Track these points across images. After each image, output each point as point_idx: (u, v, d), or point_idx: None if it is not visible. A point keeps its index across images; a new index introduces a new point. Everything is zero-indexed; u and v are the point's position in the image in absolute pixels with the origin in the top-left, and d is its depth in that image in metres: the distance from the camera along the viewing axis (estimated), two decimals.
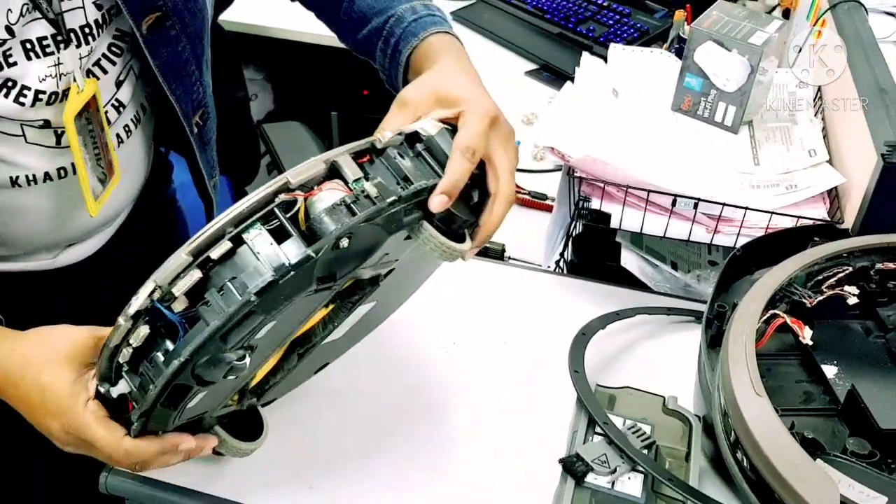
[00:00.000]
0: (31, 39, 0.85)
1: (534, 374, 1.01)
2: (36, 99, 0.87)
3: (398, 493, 0.88)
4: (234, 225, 0.67)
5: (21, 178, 0.92)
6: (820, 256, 0.95)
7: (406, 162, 0.75)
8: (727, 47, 1.25)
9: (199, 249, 0.66)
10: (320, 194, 0.69)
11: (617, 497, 0.81)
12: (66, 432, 0.77)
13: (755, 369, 0.79)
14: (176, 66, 0.98)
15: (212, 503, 0.87)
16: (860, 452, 0.78)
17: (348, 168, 0.71)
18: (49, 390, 0.76)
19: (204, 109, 1.07)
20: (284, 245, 0.66)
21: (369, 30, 1.03)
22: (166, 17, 0.94)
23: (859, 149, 1.10)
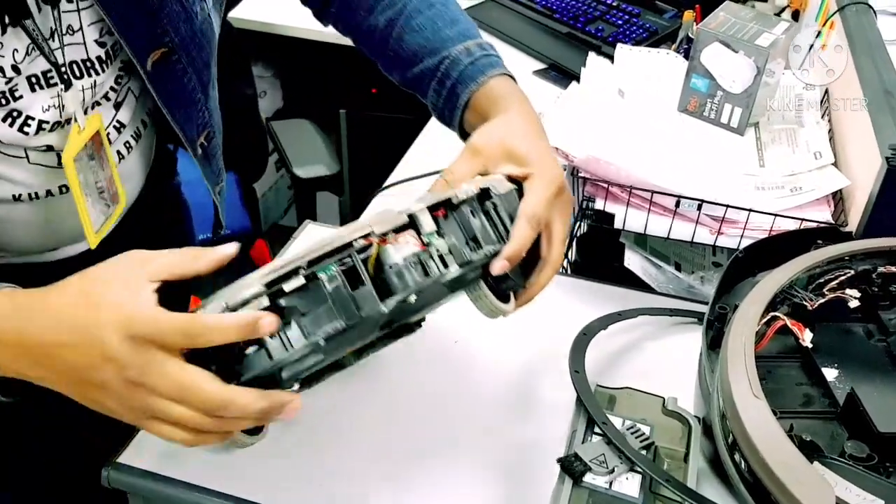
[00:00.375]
0: (37, 73, 0.85)
1: (534, 373, 1.01)
2: (39, 128, 0.87)
3: (397, 490, 0.88)
4: (310, 263, 0.68)
5: (24, 195, 0.92)
6: (822, 259, 0.95)
7: (476, 221, 0.78)
8: (734, 49, 1.25)
9: (272, 281, 0.68)
10: (395, 245, 0.71)
11: (614, 497, 0.81)
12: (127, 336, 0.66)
13: (754, 371, 0.79)
14: (181, 97, 0.98)
15: (216, 499, 0.87)
16: (858, 456, 0.78)
17: (425, 221, 0.74)
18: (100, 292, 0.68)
19: (209, 130, 1.06)
20: (357, 293, 0.68)
21: (421, 69, 1.03)
22: (172, 53, 0.93)
23: (864, 151, 1.10)
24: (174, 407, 0.67)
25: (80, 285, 0.70)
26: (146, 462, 0.89)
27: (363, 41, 1.11)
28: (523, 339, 1.05)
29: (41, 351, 0.69)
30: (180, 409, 0.67)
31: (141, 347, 0.66)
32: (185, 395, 0.67)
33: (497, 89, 0.97)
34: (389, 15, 1.06)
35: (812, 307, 0.92)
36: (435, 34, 1.03)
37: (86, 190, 0.92)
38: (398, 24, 1.05)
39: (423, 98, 1.06)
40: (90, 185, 0.93)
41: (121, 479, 0.89)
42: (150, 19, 0.90)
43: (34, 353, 0.70)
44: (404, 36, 1.04)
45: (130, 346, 0.66)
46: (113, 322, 0.66)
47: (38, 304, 0.70)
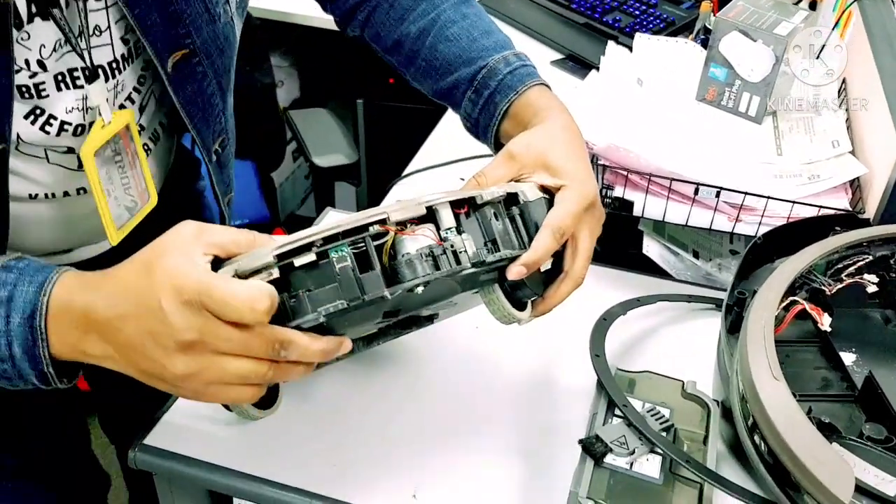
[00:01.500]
0: (64, 72, 0.84)
1: (556, 357, 1.02)
2: (61, 129, 0.87)
3: (420, 471, 0.89)
4: (324, 241, 0.69)
5: (40, 195, 0.92)
6: (840, 245, 0.96)
7: (498, 224, 0.77)
8: (752, 38, 1.25)
9: (285, 254, 0.68)
10: (411, 235, 0.71)
11: (635, 477, 0.82)
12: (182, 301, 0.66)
13: (773, 354, 0.80)
14: (200, 101, 0.97)
15: (239, 479, 0.88)
16: (877, 438, 0.79)
17: (445, 216, 0.74)
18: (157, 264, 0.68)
19: (224, 137, 1.05)
20: (365, 276, 0.69)
21: (456, 79, 1.02)
22: (193, 55, 0.93)
23: (882, 140, 1.11)
24: (235, 361, 0.68)
25: (140, 257, 0.70)
26: (171, 443, 0.91)
27: (391, 51, 1.10)
28: (544, 324, 1.06)
29: (106, 325, 0.70)
30: (241, 362, 0.68)
31: (196, 310, 0.66)
32: (248, 342, 0.67)
33: (537, 100, 0.97)
34: (422, 25, 1.05)
35: (830, 292, 0.93)
36: (471, 44, 1.02)
37: (108, 186, 0.91)
38: (431, 33, 1.04)
39: (455, 108, 1.05)
40: (115, 181, 0.92)
41: (147, 460, 0.91)
42: (173, 19, 0.89)
43: (100, 328, 0.70)
44: (438, 46, 1.03)
45: (185, 309, 0.66)
46: (165, 287, 0.66)
47: (104, 279, 0.72)
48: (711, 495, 0.82)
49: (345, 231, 0.69)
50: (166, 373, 0.69)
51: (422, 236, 0.72)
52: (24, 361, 0.73)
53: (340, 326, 0.73)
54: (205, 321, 0.66)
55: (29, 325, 0.72)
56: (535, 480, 0.89)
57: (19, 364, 0.73)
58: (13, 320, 0.72)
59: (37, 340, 0.72)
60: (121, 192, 0.93)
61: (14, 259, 0.75)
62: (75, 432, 1.27)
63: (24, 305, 0.72)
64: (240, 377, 0.69)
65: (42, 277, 0.73)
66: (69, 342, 0.72)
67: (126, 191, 0.94)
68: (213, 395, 0.71)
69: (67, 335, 0.72)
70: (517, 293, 0.82)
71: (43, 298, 0.72)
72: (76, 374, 0.77)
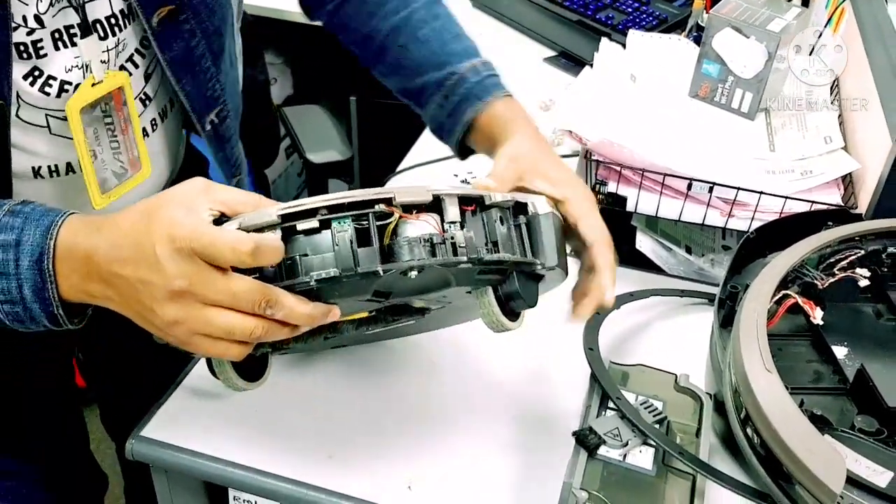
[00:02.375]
0: (60, 28, 0.84)
1: (550, 350, 1.03)
2: (62, 90, 0.86)
3: (416, 463, 0.90)
4: (329, 209, 0.70)
5: (43, 168, 0.91)
6: (832, 239, 0.97)
7: (503, 228, 0.77)
8: (745, 34, 1.26)
9: (289, 215, 0.70)
10: (414, 221, 0.72)
11: (628, 469, 0.83)
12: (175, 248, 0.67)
13: (766, 346, 0.81)
14: (188, 61, 0.95)
15: (236, 470, 0.89)
16: (868, 430, 0.80)
17: (451, 209, 0.74)
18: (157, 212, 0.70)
19: (222, 107, 1.03)
20: (361, 251, 0.69)
21: (425, 81, 1.03)
22: (180, 11, 0.91)
23: (874, 135, 1.11)
24: (222, 314, 0.69)
25: (143, 205, 0.72)
26: (168, 435, 0.92)
27: (359, 44, 1.10)
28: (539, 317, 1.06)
29: (107, 268, 0.71)
30: (228, 315, 0.69)
31: (188, 258, 0.67)
32: (236, 296, 0.68)
33: (504, 111, 0.99)
34: (394, 22, 1.05)
35: (822, 286, 0.94)
36: (441, 48, 1.03)
37: (95, 147, 0.90)
38: (403, 32, 1.05)
39: (420, 108, 1.06)
40: (104, 143, 0.91)
41: (144, 451, 0.91)
42: None
43: (101, 271, 0.72)
44: (409, 46, 1.04)
45: (178, 257, 0.67)
46: (161, 235, 0.68)
47: (107, 223, 0.73)
48: (704, 487, 0.83)
49: (350, 203, 0.70)
50: (156, 318, 0.71)
51: (425, 223, 0.72)
52: (34, 303, 0.74)
53: (331, 296, 0.73)
54: (196, 269, 0.68)
55: (38, 268, 0.73)
56: (530, 472, 0.89)
57: (30, 306, 0.75)
58: (22, 263, 0.73)
59: (46, 282, 0.73)
60: (109, 156, 0.92)
61: (20, 204, 0.76)
62: (73, 432, 1.28)
63: (31, 249, 0.73)
64: (225, 330, 0.70)
65: (48, 221, 0.74)
66: (74, 283, 0.74)
67: (115, 155, 0.93)
68: (197, 345, 0.72)
69: (72, 276, 0.73)
70: (511, 303, 0.82)
71: (49, 242, 0.73)
72: (84, 315, 0.78)
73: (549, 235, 0.80)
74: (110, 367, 1.19)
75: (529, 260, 0.79)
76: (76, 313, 0.77)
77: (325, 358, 0.99)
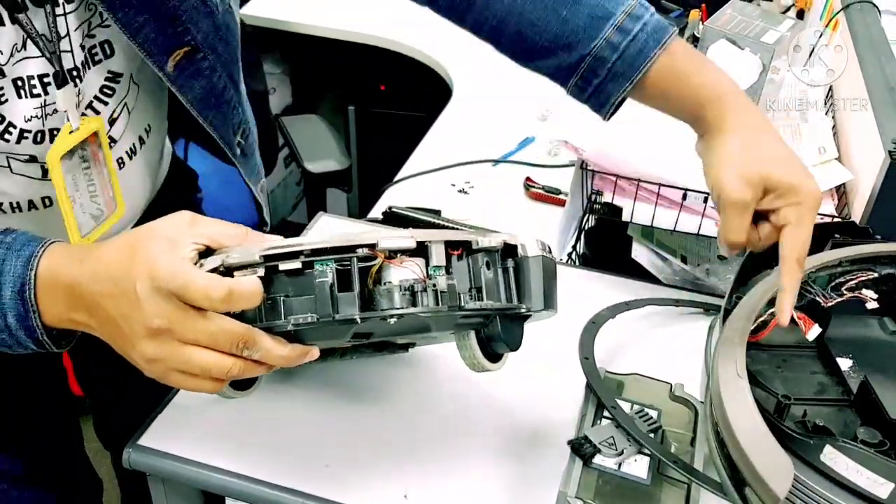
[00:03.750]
0: (23, 77, 0.82)
1: (545, 360, 1.03)
2: (21, 137, 0.85)
3: (412, 472, 0.90)
4: (312, 252, 0.70)
5: (5, 204, 0.90)
6: (844, 257, 0.95)
7: (489, 273, 0.76)
8: (739, 45, 1.27)
9: (271, 256, 0.70)
10: (398, 266, 0.72)
11: (623, 478, 0.83)
12: (154, 287, 0.68)
13: (742, 354, 0.80)
14: (213, 97, 0.94)
15: (232, 479, 0.89)
16: (871, 441, 0.80)
17: (436, 254, 0.74)
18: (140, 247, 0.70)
19: (245, 128, 1.02)
20: (341, 296, 0.70)
21: (557, 65, 0.96)
22: (197, 51, 0.89)
23: (868, 146, 1.12)
24: (199, 353, 0.70)
25: (127, 238, 0.72)
26: (165, 444, 0.92)
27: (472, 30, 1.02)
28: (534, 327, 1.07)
29: (89, 300, 0.72)
30: (205, 354, 0.70)
31: (167, 298, 0.68)
32: (214, 336, 0.69)
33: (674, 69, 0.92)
34: (496, 11, 0.97)
35: (826, 305, 0.93)
36: (562, 27, 0.94)
37: (73, 193, 0.90)
38: (510, 21, 0.96)
39: (561, 84, 0.99)
40: (81, 188, 0.91)
41: (141, 460, 0.92)
42: (168, 19, 0.86)
43: (84, 302, 0.73)
44: (524, 32, 0.96)
45: (157, 296, 0.68)
46: (142, 272, 0.69)
47: (89, 254, 0.74)
48: (698, 496, 0.83)
49: (333, 248, 0.71)
50: (134, 353, 0.72)
51: (408, 269, 0.73)
52: (19, 331, 0.76)
53: (309, 337, 0.74)
54: (174, 309, 0.68)
55: (20, 298, 0.74)
56: (526, 480, 0.90)
57: (16, 333, 0.76)
58: (4, 294, 0.74)
59: (29, 312, 0.75)
60: (86, 200, 0.92)
61: (1, 233, 0.77)
62: (69, 436, 1.28)
63: (13, 280, 0.74)
64: (202, 369, 0.71)
65: (29, 252, 0.75)
66: (58, 312, 0.75)
67: (92, 198, 0.93)
68: (175, 381, 0.73)
69: (55, 306, 0.75)
70: (493, 344, 0.82)
71: (30, 273, 0.74)
72: (71, 339, 0.79)
73: (536, 279, 0.79)
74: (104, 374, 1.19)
75: (513, 306, 0.78)
76: (63, 337, 0.78)
77: (322, 368, 0.99)
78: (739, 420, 0.77)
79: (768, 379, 0.85)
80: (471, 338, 0.81)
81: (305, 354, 0.74)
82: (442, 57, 2.00)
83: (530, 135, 1.69)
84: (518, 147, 1.67)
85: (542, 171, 1.58)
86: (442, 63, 1.98)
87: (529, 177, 1.56)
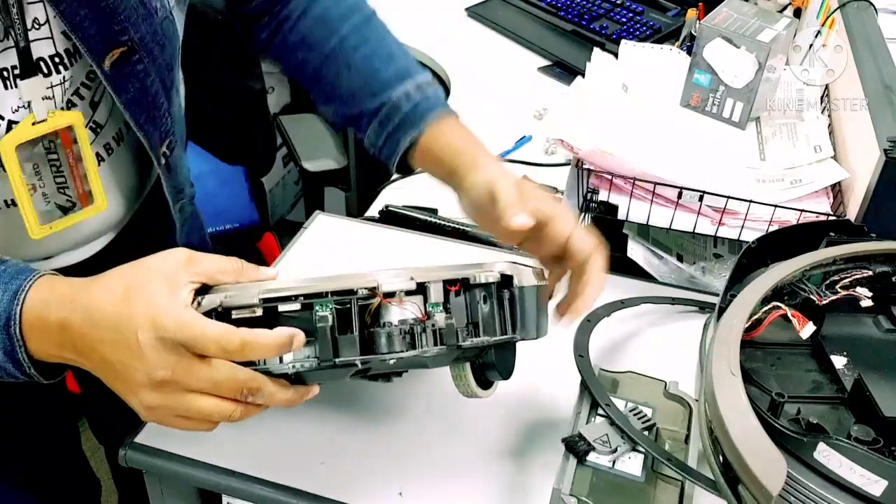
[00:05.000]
0: (7, 68, 0.82)
1: (540, 357, 1.03)
2: (9, 128, 0.84)
3: (406, 470, 0.91)
4: (311, 296, 0.71)
5: None
6: (839, 255, 0.96)
7: (486, 308, 0.78)
8: (736, 44, 1.27)
9: (270, 298, 0.71)
10: (398, 305, 0.74)
11: (617, 475, 0.84)
12: (158, 337, 0.68)
13: (736, 351, 0.81)
14: (144, 100, 0.93)
15: (229, 477, 0.89)
16: (864, 439, 0.80)
17: (434, 292, 0.75)
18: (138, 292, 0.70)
19: (171, 139, 1.02)
20: (341, 339, 0.71)
21: (360, 111, 1.05)
22: (132, 52, 0.89)
23: (863, 144, 1.12)
24: (201, 400, 0.70)
25: (122, 280, 0.72)
26: (162, 442, 0.92)
27: (294, 72, 1.12)
28: None
29: (81, 342, 0.72)
30: (208, 401, 0.71)
31: (171, 349, 0.68)
32: (217, 385, 0.70)
33: (450, 136, 1.02)
34: (325, 51, 1.06)
35: (820, 302, 0.93)
36: (373, 76, 1.04)
37: (34, 181, 0.89)
38: (334, 61, 1.06)
39: (359, 133, 1.08)
40: (46, 177, 0.90)
41: (138, 458, 0.92)
42: (106, 15, 0.85)
43: (76, 344, 0.72)
44: (341, 74, 1.06)
45: (160, 346, 0.68)
46: (146, 322, 0.68)
47: (82, 295, 0.72)
48: (692, 493, 0.83)
49: (332, 290, 0.72)
50: (134, 399, 0.72)
51: (407, 308, 0.74)
52: (7, 363, 0.75)
53: (310, 378, 0.76)
54: (178, 359, 0.69)
55: (6, 333, 0.73)
56: (520, 478, 0.90)
57: (3, 365, 0.75)
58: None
59: (15, 346, 0.74)
60: (52, 190, 0.91)
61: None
62: (66, 436, 1.28)
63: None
64: (204, 415, 0.72)
65: (16, 286, 0.74)
66: (47, 350, 0.74)
67: (61, 189, 0.92)
68: (172, 424, 0.73)
69: (44, 344, 0.74)
70: (486, 373, 0.84)
71: (16, 308, 0.73)
72: (61, 372, 0.79)
73: (531, 308, 0.81)
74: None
75: (509, 338, 0.80)
76: (53, 370, 0.78)
77: None
78: (733, 417, 0.77)
79: (762, 377, 0.85)
80: (466, 369, 0.83)
81: (307, 394, 0.76)
82: (439, 55, 2.00)
83: (527, 133, 1.70)
84: (515, 146, 1.67)
85: (539, 169, 1.58)
86: (439, 61, 1.98)
87: (526, 175, 1.56)
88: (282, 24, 1.09)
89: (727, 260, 1.24)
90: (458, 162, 0.99)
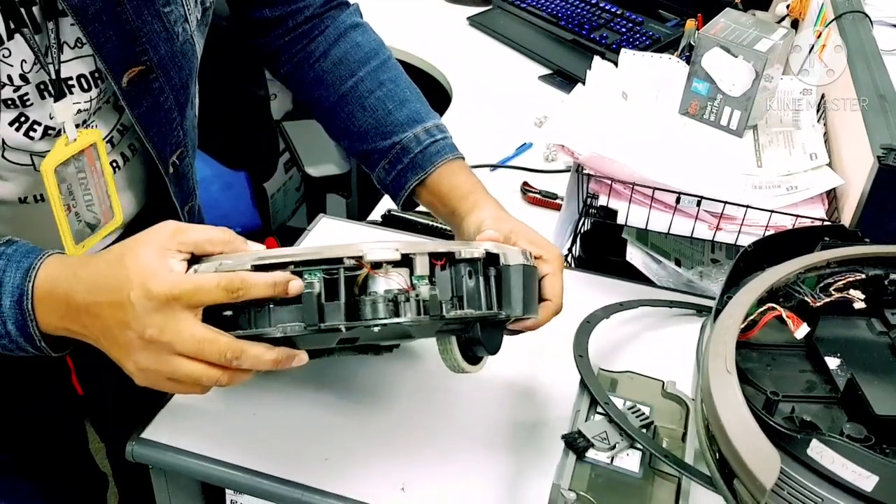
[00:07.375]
0: (46, 81, 0.87)
1: (541, 357, 1.05)
2: (45, 133, 0.90)
3: (409, 465, 0.92)
4: (300, 263, 0.74)
5: (29, 197, 0.95)
6: (833, 258, 0.97)
7: (471, 282, 0.80)
8: (733, 53, 1.29)
9: (262, 266, 0.74)
10: (383, 276, 0.76)
11: (615, 471, 0.85)
12: (148, 297, 0.72)
13: (732, 350, 0.82)
14: (156, 116, 0.98)
15: (233, 471, 0.91)
16: (856, 436, 0.81)
17: (420, 264, 0.78)
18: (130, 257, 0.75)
19: (182, 150, 1.06)
20: (327, 305, 0.74)
21: (371, 148, 1.11)
22: (150, 71, 0.93)
23: (857, 152, 1.14)
24: (189, 364, 0.74)
25: (119, 250, 0.77)
26: (168, 437, 0.94)
27: (311, 106, 1.17)
28: None
29: (84, 310, 0.76)
30: (195, 366, 0.74)
31: (161, 307, 0.72)
32: (202, 347, 0.73)
33: (455, 180, 1.07)
34: (341, 91, 1.12)
35: (815, 305, 0.95)
36: (385, 117, 1.10)
37: (69, 201, 0.93)
38: (349, 101, 1.11)
39: (368, 169, 1.14)
40: (77, 197, 0.94)
41: (144, 453, 0.93)
42: (129, 37, 0.89)
43: (79, 312, 0.77)
44: (355, 114, 1.11)
45: (151, 305, 0.72)
46: (137, 283, 0.73)
47: (84, 266, 0.78)
48: (689, 488, 0.85)
49: (322, 259, 0.74)
50: (128, 362, 0.76)
51: (393, 279, 0.76)
52: (19, 337, 0.80)
53: (297, 342, 0.78)
54: (166, 319, 0.73)
55: (19, 308, 0.78)
56: (520, 474, 0.92)
57: (15, 339, 0.80)
58: (4, 303, 0.78)
59: (27, 320, 0.79)
60: (83, 209, 0.95)
61: (3, 244, 0.81)
62: (72, 433, 1.30)
63: (12, 290, 0.78)
64: (192, 379, 0.75)
65: (28, 263, 0.79)
66: (53, 322, 0.79)
67: (88, 207, 0.96)
68: (166, 387, 0.77)
69: (52, 316, 0.79)
70: (473, 348, 0.86)
71: (28, 284, 0.78)
72: (69, 345, 0.83)
73: (517, 287, 0.83)
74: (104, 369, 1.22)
75: (493, 313, 0.82)
76: (60, 344, 0.82)
77: (322, 361, 1.01)
78: (729, 415, 0.78)
79: (757, 376, 0.87)
80: (452, 342, 0.85)
81: (293, 358, 0.77)
82: (441, 64, 2.02)
83: (527, 140, 1.72)
84: (515, 153, 1.69)
85: (539, 176, 1.60)
86: (441, 70, 2.01)
87: (527, 182, 1.58)
88: (303, 62, 1.14)
89: (724, 265, 1.26)
90: (459, 204, 1.04)
